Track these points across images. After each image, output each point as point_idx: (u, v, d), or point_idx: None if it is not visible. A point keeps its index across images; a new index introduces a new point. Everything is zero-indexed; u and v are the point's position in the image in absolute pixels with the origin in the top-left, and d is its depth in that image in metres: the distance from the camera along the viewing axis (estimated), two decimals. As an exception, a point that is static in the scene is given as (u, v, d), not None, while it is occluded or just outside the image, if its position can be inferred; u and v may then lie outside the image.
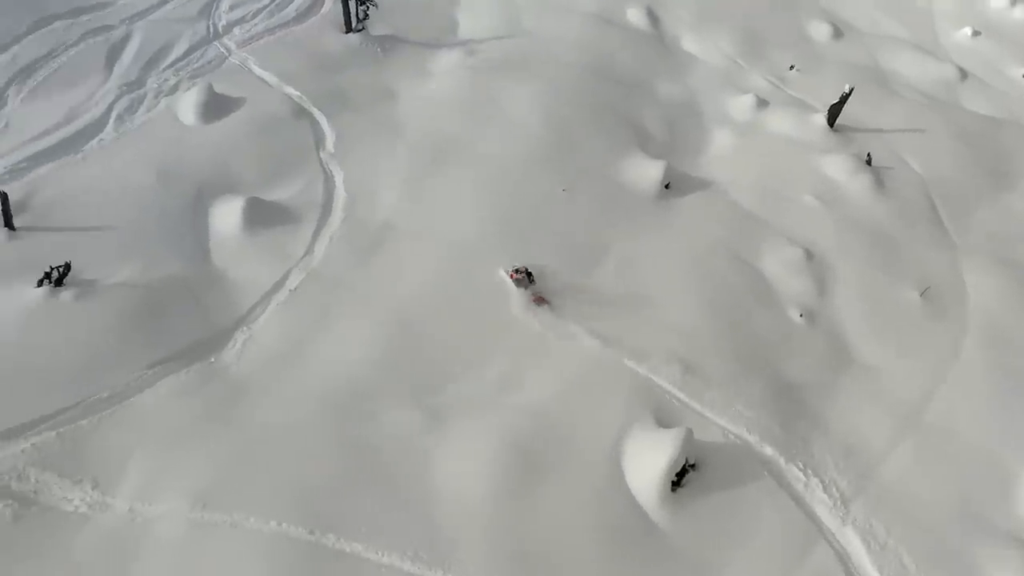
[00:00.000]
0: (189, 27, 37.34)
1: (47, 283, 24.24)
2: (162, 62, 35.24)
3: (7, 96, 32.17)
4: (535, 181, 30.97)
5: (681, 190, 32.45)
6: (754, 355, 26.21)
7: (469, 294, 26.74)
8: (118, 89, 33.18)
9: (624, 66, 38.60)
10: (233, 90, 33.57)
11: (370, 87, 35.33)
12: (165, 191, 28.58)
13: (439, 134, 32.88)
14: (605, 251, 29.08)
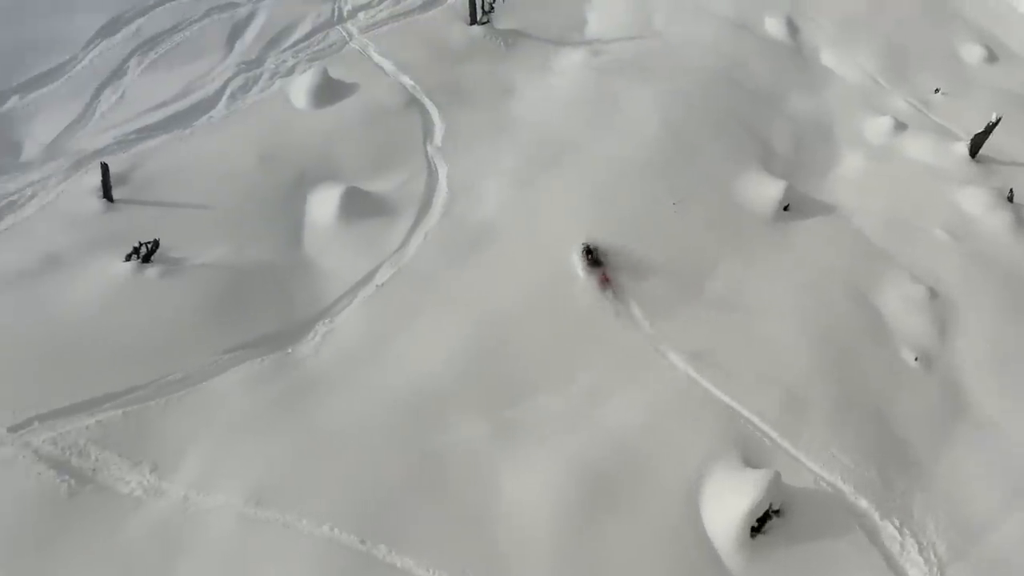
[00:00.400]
0: (314, 9, 37.08)
1: (135, 258, 24.06)
2: (283, 43, 35.03)
3: (128, 67, 32.36)
4: (646, 190, 29.60)
5: (801, 213, 30.61)
6: (859, 397, 24.40)
7: (564, 303, 25.65)
8: (236, 67, 33.07)
9: (756, 76, 36.78)
10: (348, 76, 33.10)
11: (488, 82, 34.42)
12: (265, 174, 28.23)
13: (552, 134, 31.76)
14: (712, 270, 27.58)
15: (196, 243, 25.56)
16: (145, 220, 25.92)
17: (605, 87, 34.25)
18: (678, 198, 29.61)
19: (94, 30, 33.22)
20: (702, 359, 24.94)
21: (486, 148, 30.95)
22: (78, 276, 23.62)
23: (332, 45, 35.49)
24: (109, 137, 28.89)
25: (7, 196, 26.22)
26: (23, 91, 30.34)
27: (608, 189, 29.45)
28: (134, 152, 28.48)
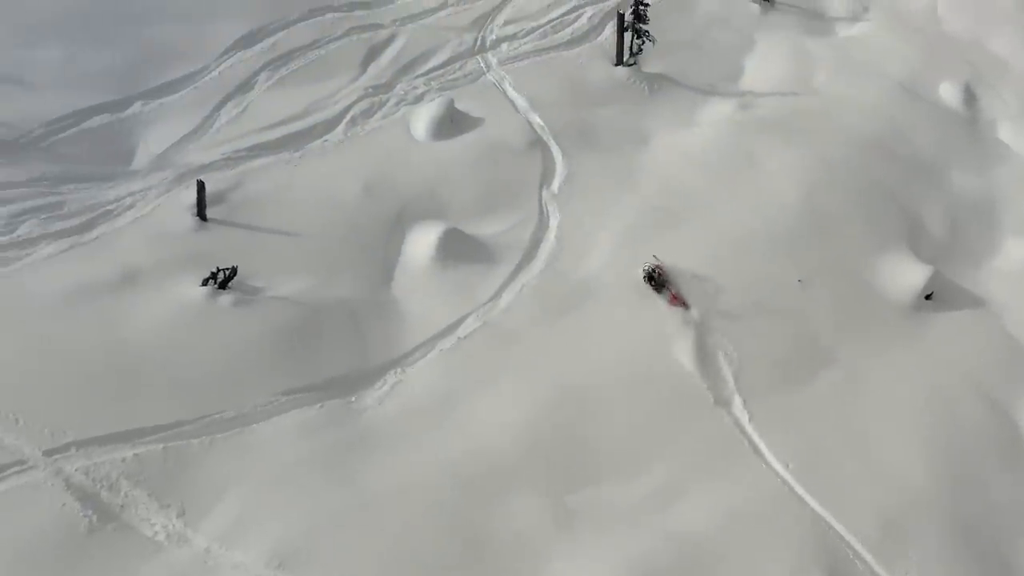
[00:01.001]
0: (456, 37, 36.00)
1: (211, 284, 23.30)
2: (417, 69, 34.07)
3: (256, 82, 32.00)
4: (772, 262, 27.25)
5: (945, 304, 27.64)
6: (979, 533, 21.51)
7: (654, 380, 23.68)
8: (364, 90, 32.27)
9: (916, 145, 33.66)
10: (475, 109, 31.84)
11: (622, 127, 32.58)
12: (368, 205, 27.22)
13: (679, 191, 29.70)
14: (828, 360, 25.08)
15: (280, 272, 24.67)
16: (234, 243, 25.23)
17: (746, 145, 31.87)
18: (805, 274, 27.09)
19: (232, 40, 32.99)
20: (801, 460, 22.46)
21: (605, 199, 29.10)
22: (152, 296, 23.01)
23: (468, 75, 34.30)
24: (218, 153, 28.42)
25: (105, 204, 25.98)
26: (148, 98, 30.26)
27: (729, 257, 27.22)
28: (240, 171, 27.91)
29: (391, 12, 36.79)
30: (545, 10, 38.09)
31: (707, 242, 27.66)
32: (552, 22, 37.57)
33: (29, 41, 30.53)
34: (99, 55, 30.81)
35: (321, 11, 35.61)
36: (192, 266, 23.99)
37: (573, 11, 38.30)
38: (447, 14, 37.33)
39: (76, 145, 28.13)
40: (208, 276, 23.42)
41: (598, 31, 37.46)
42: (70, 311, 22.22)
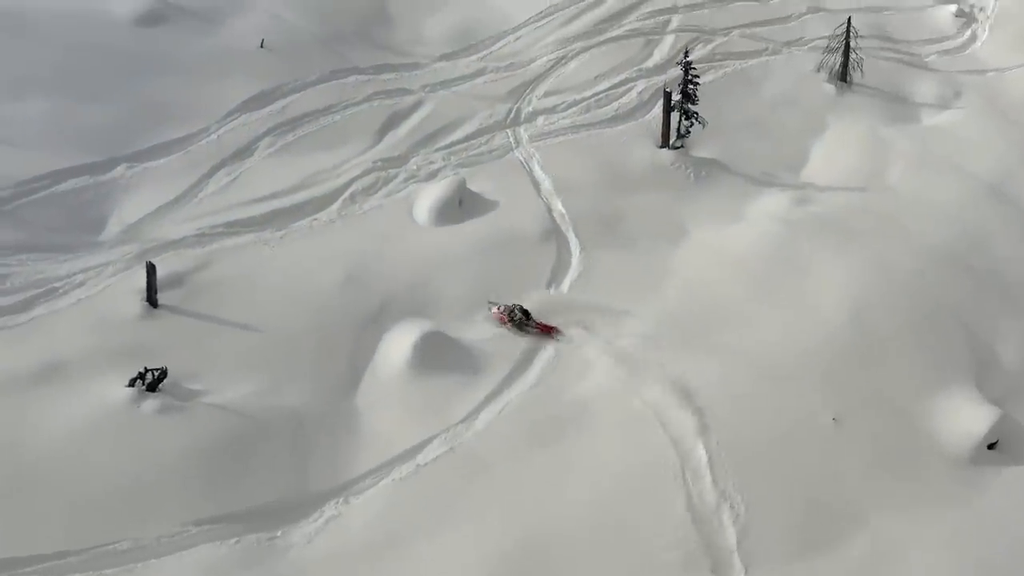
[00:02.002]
0: (489, 107, 33.05)
1: (139, 384, 20.46)
2: (438, 141, 31.20)
3: (256, 148, 29.53)
4: (803, 393, 23.37)
5: (1012, 457, 23.33)
6: None
7: (640, 535, 19.93)
8: (372, 163, 29.45)
9: (999, 258, 29.29)
10: (491, 190, 28.79)
11: (656, 219, 29.11)
12: (345, 298, 24.29)
13: (708, 300, 26.06)
14: (857, 522, 21.06)
15: (228, 372, 21.79)
16: (182, 335, 22.50)
17: (795, 249, 27.99)
18: (842, 410, 23.10)
19: (238, 101, 30.64)
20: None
21: (622, 305, 25.51)
22: (70, 395, 20.34)
23: (494, 151, 31.27)
24: (193, 227, 25.81)
25: (53, 281, 23.57)
26: (135, 160, 27.96)
27: (754, 381, 23.42)
28: (211, 249, 25.29)
29: (422, 77, 34.09)
30: (592, 82, 34.94)
31: (731, 362, 23.92)
32: (597, 96, 34.36)
33: (14, 94, 28.60)
34: (88, 111, 28.68)
35: (344, 72, 33.08)
36: (127, 361, 21.28)
37: (623, 84, 35.05)
38: (484, 81, 34.46)
39: (45, 210, 25.89)
40: (136, 376, 20.58)
41: (647, 108, 34.12)
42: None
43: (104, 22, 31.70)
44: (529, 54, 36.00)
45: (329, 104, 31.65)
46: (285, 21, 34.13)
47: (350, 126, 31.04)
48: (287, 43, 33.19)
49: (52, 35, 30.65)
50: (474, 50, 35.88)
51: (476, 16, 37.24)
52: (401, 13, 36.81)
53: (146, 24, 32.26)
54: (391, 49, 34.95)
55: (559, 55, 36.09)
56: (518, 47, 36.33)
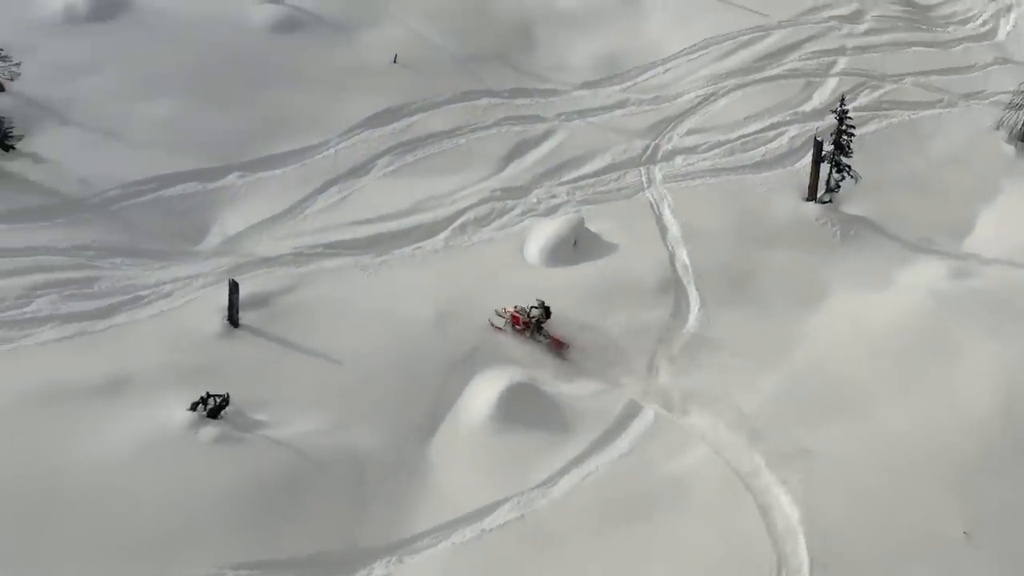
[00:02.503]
0: (626, 141, 31.04)
1: (201, 409, 19.34)
2: (565, 174, 29.38)
3: (373, 166, 28.37)
4: (932, 500, 20.54)
5: None
6: None
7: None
8: (491, 192, 27.87)
9: None
10: (612, 231, 26.89)
11: (793, 278, 26.59)
12: (436, 336, 22.74)
13: (839, 375, 23.50)
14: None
15: (294, 405, 20.49)
16: (258, 359, 21.38)
17: (946, 327, 24.99)
18: (975, 525, 20.10)
19: (363, 117, 29.55)
20: None
21: (738, 371, 23.15)
22: (128, 413, 19.40)
23: (623, 189, 29.26)
24: (292, 245, 24.79)
25: (139, 289, 22.85)
26: (248, 170, 27.14)
27: (874, 478, 20.73)
28: (305, 270, 24.16)
29: (559, 105, 32.32)
30: (740, 123, 32.46)
31: (852, 452, 21.35)
32: (744, 138, 31.88)
33: (145, 93, 28.22)
34: (211, 116, 28.04)
35: (476, 95, 31.62)
36: (196, 381, 20.24)
37: (774, 128, 32.45)
38: (623, 113, 32.46)
39: (149, 213, 25.32)
40: (198, 400, 19.46)
41: (797, 156, 31.42)
42: (23, 416, 18.78)
43: (240, 27, 31.17)
44: (677, 88, 33.81)
45: (456, 126, 30.21)
46: (423, 38, 32.96)
47: (474, 151, 29.52)
48: (421, 60, 31.97)
49: (189, 37, 30.25)
50: (618, 80, 33.92)
51: (626, 44, 35.30)
52: (547, 37, 35.13)
53: (281, 31, 31.57)
54: (530, 73, 33.32)
55: (709, 91, 33.75)
56: (666, 80, 34.17)
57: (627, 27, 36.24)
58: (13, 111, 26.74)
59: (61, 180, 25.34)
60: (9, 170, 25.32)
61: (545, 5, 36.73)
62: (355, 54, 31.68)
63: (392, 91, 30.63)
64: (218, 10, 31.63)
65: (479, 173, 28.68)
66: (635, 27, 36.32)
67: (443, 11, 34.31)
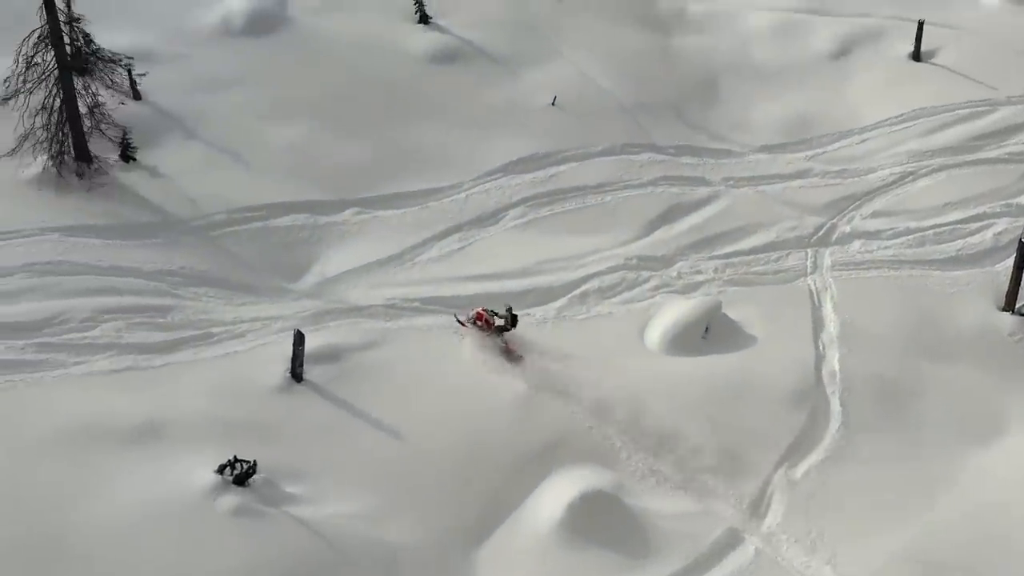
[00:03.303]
0: (797, 217, 27.32)
1: (228, 473, 17.39)
2: (719, 247, 26.03)
3: (503, 216, 26.07)
4: None
5: None
6: None
7: None
8: (626, 259, 24.99)
9: None
10: (753, 321, 23.51)
11: (968, 402, 22.45)
12: (517, 420, 20.17)
13: (1001, 535, 19.23)
14: None
15: (336, 481, 18.34)
16: (309, 422, 19.33)
17: None
18: None
19: (504, 161, 27.21)
20: None
21: (870, 518, 19.27)
22: (154, 465, 17.74)
23: (780, 272, 25.60)
24: (386, 295, 22.62)
25: (215, 325, 21.34)
26: (366, 207, 25.36)
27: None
28: (394, 325, 22.03)
29: (728, 168, 28.94)
30: (939, 209, 28.00)
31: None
32: (940, 228, 27.44)
33: (281, 115, 26.93)
34: (341, 145, 26.46)
35: (637, 148, 28.70)
36: (236, 437, 18.49)
37: (978, 219, 27.79)
38: (802, 185, 28.71)
39: (249, 243, 23.87)
40: (225, 463, 17.49)
41: (1000, 256, 26.71)
42: (43, 459, 17.35)
43: (395, 53, 29.53)
44: (870, 162, 29.67)
45: (605, 181, 27.39)
46: (590, 80, 30.34)
47: (620, 211, 26.61)
48: (583, 104, 29.35)
49: (338, 59, 28.91)
50: (804, 146, 30.13)
51: (821, 107, 31.43)
52: (732, 91, 31.77)
53: (438, 61, 29.72)
54: (704, 130, 30.08)
55: (908, 169, 29.39)
56: (859, 151, 30.09)
57: (826, 87, 32.33)
58: (146, 120, 26.08)
59: (170, 198, 24.27)
60: (123, 182, 24.48)
61: (739, 55, 33.37)
62: (512, 92, 29.42)
63: (543, 135, 28.14)
64: (377, 33, 30.12)
65: (619, 236, 25.74)
66: (835, 88, 32.35)
67: (620, 53, 31.59)
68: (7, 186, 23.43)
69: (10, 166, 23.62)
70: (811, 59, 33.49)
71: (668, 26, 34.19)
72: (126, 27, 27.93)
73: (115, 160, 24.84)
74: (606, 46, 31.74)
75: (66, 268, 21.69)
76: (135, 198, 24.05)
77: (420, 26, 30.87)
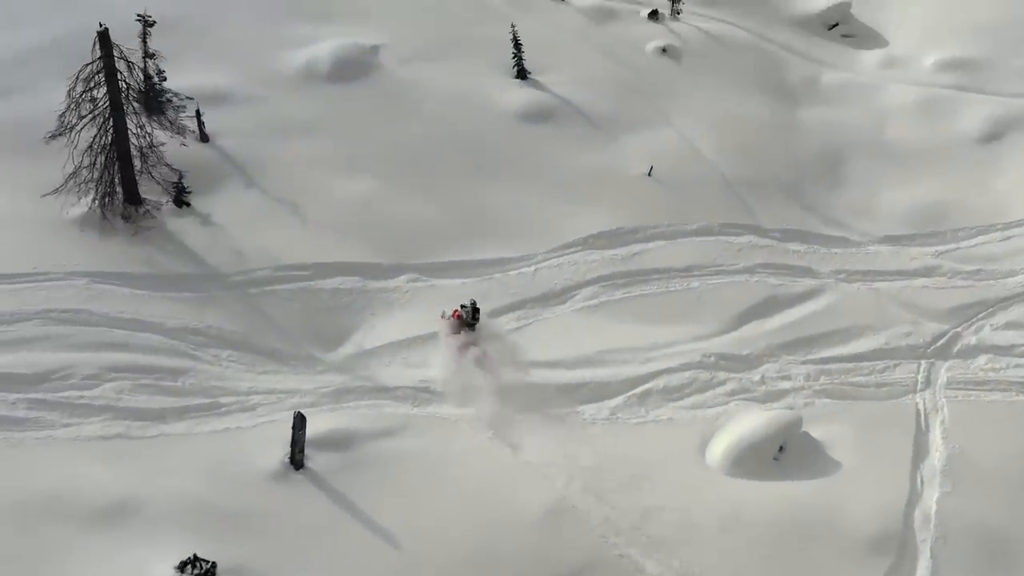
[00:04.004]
0: (913, 321, 23.92)
1: (189, 572, 15.38)
2: (815, 350, 22.88)
3: (572, 296, 23.62)
4: None
5: None
6: None
7: None
8: (705, 356, 22.11)
9: None
10: (840, 442, 20.31)
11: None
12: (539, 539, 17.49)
13: None
14: None
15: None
16: (298, 519, 17.17)
17: None
18: None
19: (584, 234, 24.83)
20: None
21: None
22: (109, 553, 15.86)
23: (884, 386, 22.26)
24: (416, 376, 20.44)
25: (228, 394, 19.57)
26: (425, 273, 23.36)
27: None
28: (419, 412, 19.88)
29: (841, 259, 25.81)
30: (1090, 325, 24.05)
31: None
32: (1091, 347, 23.49)
33: (345, 165, 25.53)
34: (406, 203, 24.65)
35: (736, 229, 25.87)
36: (211, 528, 16.41)
37: None
38: (926, 285, 25.29)
39: (290, 304, 22.12)
40: (184, 561, 15.48)
41: None
42: None
43: (484, 108, 27.66)
44: (1012, 263, 26.01)
45: (693, 264, 24.59)
46: (695, 150, 27.66)
47: (706, 299, 23.75)
48: (682, 177, 26.71)
49: (421, 111, 27.32)
50: (935, 240, 26.67)
51: (960, 197, 27.95)
52: (858, 173, 28.61)
53: (529, 120, 27.67)
54: (819, 213, 26.97)
55: (1057, 276, 25.56)
56: (1000, 250, 26.41)
57: (969, 174, 28.85)
58: (209, 164, 24.88)
59: (216, 248, 22.79)
60: (171, 228, 23.13)
61: (871, 132, 30.24)
62: (605, 157, 27.05)
63: (632, 208, 25.61)
64: (469, 86, 28.27)
65: (700, 328, 22.87)
66: (980, 176, 28.81)
67: (734, 122, 28.88)
68: (51, 225, 22.33)
69: (57, 204, 22.47)
70: (956, 141, 30.05)
71: (796, 96, 31.34)
72: (207, 65, 26.96)
73: (168, 204, 23.49)
74: (719, 113, 29.08)
75: (84, 318, 20.27)
76: (178, 246, 22.63)
77: (517, 81, 28.90)
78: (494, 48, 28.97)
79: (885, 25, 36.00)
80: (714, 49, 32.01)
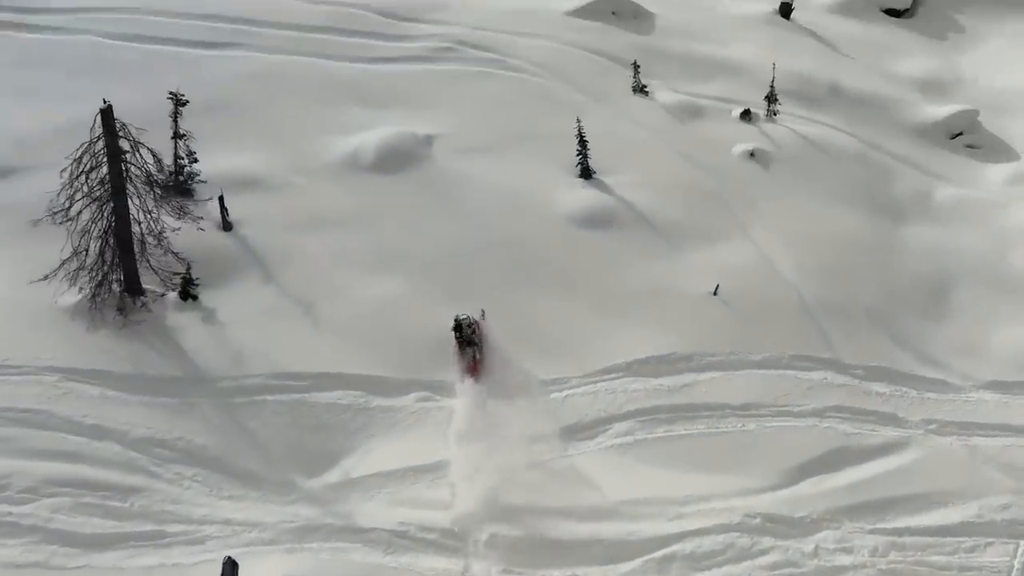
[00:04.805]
0: (1016, 491, 19.91)
1: None
2: (889, 517, 19.21)
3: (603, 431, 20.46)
4: None
5: None
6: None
7: None
8: (749, 515, 18.66)
9: None
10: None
11: None
12: None
13: None
14: None
15: None
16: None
17: None
18: None
19: (628, 359, 21.79)
20: None
21: None
22: None
23: (969, 571, 18.47)
24: (397, 517, 17.59)
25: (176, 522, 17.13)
26: (437, 391, 20.75)
27: None
28: (383, 562, 16.94)
29: (936, 406, 22.11)
30: None
31: None
32: None
33: (374, 265, 23.15)
34: (436, 310, 22.02)
35: (810, 363, 22.48)
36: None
37: None
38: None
39: (277, 419, 19.80)
40: None
41: None
42: None
43: (537, 210, 25.03)
44: None
45: (752, 402, 21.17)
46: (772, 269, 24.38)
47: (761, 445, 20.29)
48: (752, 298, 23.43)
49: (465, 210, 24.89)
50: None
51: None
52: (967, 303, 24.91)
53: (587, 225, 24.89)
54: (914, 349, 23.27)
55: None
56: None
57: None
58: (227, 254, 22.96)
59: (211, 348, 20.63)
60: (169, 323, 21.11)
61: (988, 258, 26.49)
62: (666, 271, 23.99)
63: (689, 331, 22.43)
64: (526, 184, 25.72)
65: (749, 481, 19.44)
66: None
67: (822, 239, 25.55)
68: (38, 313, 20.55)
69: (50, 290, 20.72)
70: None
71: (901, 212, 27.77)
72: (243, 148, 25.18)
73: (172, 296, 21.55)
74: (806, 228, 25.75)
75: (42, 420, 18.25)
76: (170, 344, 20.57)
77: (579, 181, 26.19)
78: (560, 143, 26.44)
79: (1017, 136, 32.20)
80: (811, 155, 28.72)
